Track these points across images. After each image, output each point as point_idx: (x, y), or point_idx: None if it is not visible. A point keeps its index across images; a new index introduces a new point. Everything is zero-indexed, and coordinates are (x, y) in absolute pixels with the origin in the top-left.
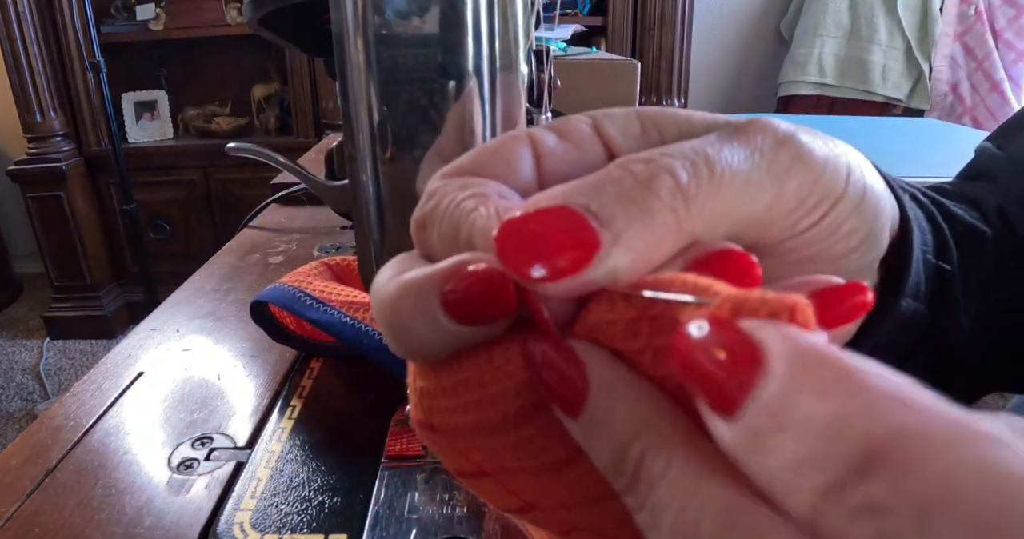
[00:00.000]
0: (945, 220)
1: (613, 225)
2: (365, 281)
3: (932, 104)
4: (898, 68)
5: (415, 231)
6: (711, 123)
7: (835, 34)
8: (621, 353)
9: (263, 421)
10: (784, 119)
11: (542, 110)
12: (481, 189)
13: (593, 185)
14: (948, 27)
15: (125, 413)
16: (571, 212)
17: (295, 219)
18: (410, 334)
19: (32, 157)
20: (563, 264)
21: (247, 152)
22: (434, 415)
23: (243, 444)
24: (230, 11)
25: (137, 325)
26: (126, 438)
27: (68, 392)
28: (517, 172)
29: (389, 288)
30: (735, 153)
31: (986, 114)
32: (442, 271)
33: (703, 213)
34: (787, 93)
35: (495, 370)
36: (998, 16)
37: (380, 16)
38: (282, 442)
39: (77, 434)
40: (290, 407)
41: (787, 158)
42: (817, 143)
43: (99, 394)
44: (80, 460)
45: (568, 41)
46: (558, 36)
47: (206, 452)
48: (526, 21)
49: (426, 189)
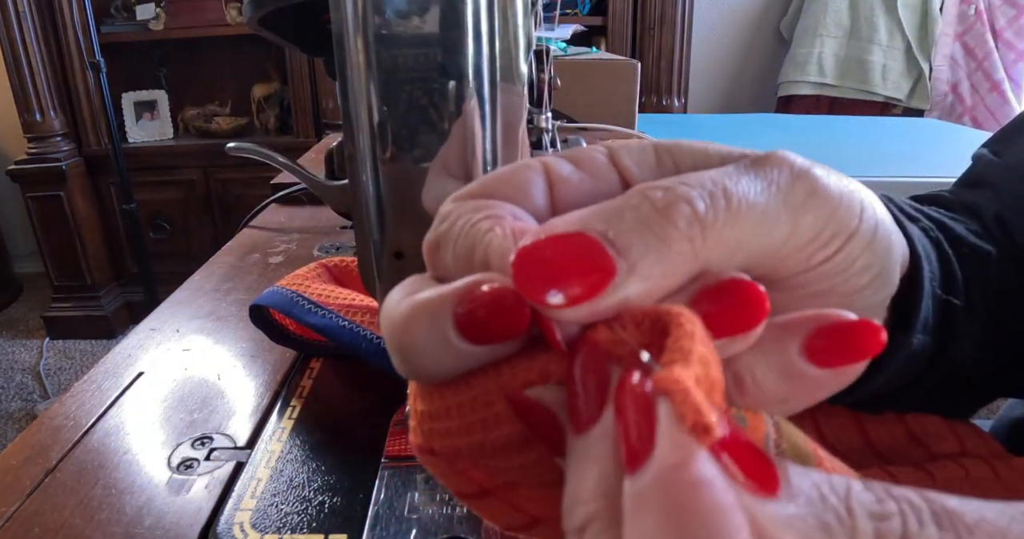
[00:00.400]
0: (951, 244)
1: (630, 254)
2: (365, 281)
3: (932, 104)
4: (898, 68)
5: (428, 253)
6: (726, 155)
7: (835, 34)
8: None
9: (263, 421)
10: (784, 119)
11: (542, 110)
12: (496, 211)
13: (611, 211)
14: (948, 27)
15: (125, 413)
16: (588, 239)
17: (295, 219)
18: (420, 354)
19: (32, 157)
20: (578, 291)
21: (247, 152)
22: (435, 438)
23: (243, 444)
24: (230, 11)
25: (137, 325)
26: (126, 438)
27: (68, 392)
28: (530, 198)
29: (400, 308)
30: (752, 185)
31: (986, 114)
32: (456, 290)
33: (719, 243)
34: (787, 93)
35: (502, 388)
36: (998, 16)
37: (380, 16)
38: (282, 442)
39: (77, 434)
40: (290, 407)
41: (803, 192)
42: (832, 178)
43: (99, 394)
44: (80, 460)
45: (568, 41)
46: (558, 36)
47: (206, 452)
48: (526, 21)
49: (439, 211)
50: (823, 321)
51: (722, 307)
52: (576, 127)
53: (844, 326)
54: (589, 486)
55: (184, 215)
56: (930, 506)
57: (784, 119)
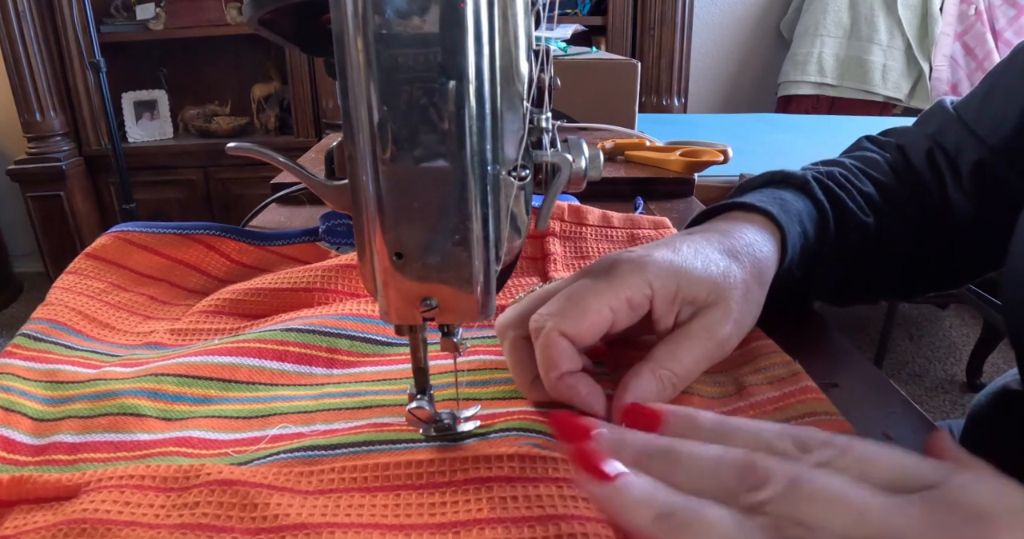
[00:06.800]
0: (837, 218)
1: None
2: (365, 281)
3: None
4: (898, 68)
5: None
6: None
7: (835, 34)
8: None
9: None
10: (784, 119)
11: (542, 110)
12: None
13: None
14: (948, 27)
15: None
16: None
17: (295, 219)
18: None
19: (32, 157)
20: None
21: (247, 152)
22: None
23: None
24: (230, 11)
25: None
26: None
27: None
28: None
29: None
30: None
31: None
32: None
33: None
34: (787, 93)
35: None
36: (998, 16)
37: (380, 16)
38: None
39: None
40: None
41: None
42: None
43: None
44: None
45: (568, 41)
46: (558, 36)
47: None
48: (526, 21)
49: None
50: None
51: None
52: (576, 127)
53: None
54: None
55: (184, 215)
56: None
57: (784, 119)
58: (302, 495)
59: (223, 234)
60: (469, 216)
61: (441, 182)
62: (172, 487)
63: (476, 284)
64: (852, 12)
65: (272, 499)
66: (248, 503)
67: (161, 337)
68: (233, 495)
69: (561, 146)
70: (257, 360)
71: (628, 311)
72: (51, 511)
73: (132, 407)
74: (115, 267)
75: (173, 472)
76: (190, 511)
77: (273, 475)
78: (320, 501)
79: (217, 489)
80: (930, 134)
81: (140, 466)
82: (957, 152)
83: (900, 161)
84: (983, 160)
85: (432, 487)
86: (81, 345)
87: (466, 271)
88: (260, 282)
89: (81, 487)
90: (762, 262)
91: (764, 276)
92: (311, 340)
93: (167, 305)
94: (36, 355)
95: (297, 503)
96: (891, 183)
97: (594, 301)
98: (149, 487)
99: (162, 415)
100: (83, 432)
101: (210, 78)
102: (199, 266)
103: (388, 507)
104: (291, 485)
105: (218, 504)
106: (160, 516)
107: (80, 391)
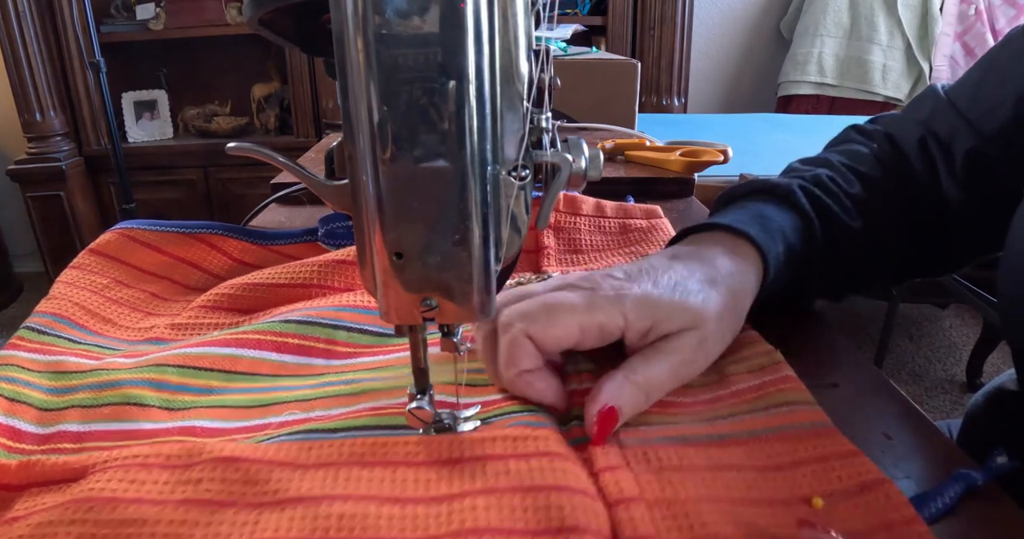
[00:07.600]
0: (823, 223)
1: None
2: (365, 281)
3: None
4: (898, 68)
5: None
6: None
7: (835, 34)
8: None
9: None
10: (784, 119)
11: (542, 110)
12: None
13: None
14: (948, 27)
15: None
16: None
17: (295, 219)
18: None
19: (32, 157)
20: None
21: (247, 152)
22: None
23: None
24: (230, 11)
25: None
26: None
27: None
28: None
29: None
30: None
31: None
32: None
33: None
34: (787, 93)
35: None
36: (998, 16)
37: (380, 16)
38: None
39: None
40: None
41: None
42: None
43: None
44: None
45: (568, 41)
46: (558, 36)
47: None
48: (526, 21)
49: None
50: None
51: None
52: (576, 127)
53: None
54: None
55: (184, 215)
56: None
57: (784, 119)
58: (302, 469)
59: (226, 233)
60: (469, 216)
61: (441, 182)
62: (176, 464)
63: (476, 284)
64: (852, 12)
65: (273, 475)
66: (250, 479)
67: (161, 332)
68: (235, 471)
69: (561, 146)
70: (257, 351)
71: (598, 335)
72: (59, 493)
73: (136, 397)
74: (118, 263)
75: (177, 450)
76: (193, 487)
77: (274, 451)
78: (319, 474)
79: (220, 465)
80: (922, 121)
81: (144, 445)
82: (950, 139)
83: (888, 152)
84: (977, 147)
85: (427, 464)
86: (83, 339)
87: (466, 271)
88: (258, 277)
89: (88, 469)
90: (739, 292)
91: (740, 305)
92: (310, 331)
93: (168, 302)
94: (40, 347)
95: (297, 477)
96: (879, 177)
97: (567, 316)
98: (154, 465)
99: (165, 405)
100: (87, 421)
101: (210, 78)
102: (201, 264)
103: (384, 481)
104: (291, 459)
105: (221, 479)
106: (164, 493)
107: (83, 381)
